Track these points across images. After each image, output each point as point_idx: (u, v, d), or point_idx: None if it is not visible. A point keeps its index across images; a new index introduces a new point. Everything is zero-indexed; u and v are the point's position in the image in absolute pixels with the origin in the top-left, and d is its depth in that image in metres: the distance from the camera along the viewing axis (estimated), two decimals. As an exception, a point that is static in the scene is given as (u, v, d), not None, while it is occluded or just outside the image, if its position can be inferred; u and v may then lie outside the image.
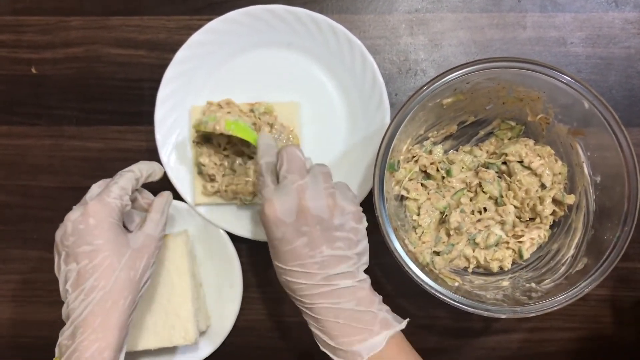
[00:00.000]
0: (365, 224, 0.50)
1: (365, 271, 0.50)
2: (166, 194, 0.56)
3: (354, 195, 0.51)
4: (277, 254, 0.49)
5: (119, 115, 0.65)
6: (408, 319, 0.49)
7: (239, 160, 0.61)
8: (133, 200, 0.54)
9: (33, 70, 0.66)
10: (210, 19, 0.61)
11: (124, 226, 0.53)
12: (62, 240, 0.49)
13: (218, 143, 0.61)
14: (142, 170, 0.54)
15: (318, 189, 0.48)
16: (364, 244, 0.49)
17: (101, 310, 0.47)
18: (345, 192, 0.50)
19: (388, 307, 0.49)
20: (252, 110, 0.60)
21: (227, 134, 0.56)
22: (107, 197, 0.50)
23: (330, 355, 0.47)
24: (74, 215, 0.50)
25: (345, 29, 0.60)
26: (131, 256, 0.50)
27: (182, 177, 0.62)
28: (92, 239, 0.48)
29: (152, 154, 0.62)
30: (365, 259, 0.50)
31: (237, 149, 0.61)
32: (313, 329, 0.49)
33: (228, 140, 0.60)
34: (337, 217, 0.47)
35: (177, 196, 0.62)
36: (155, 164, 0.57)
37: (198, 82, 0.63)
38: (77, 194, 0.64)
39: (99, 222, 0.49)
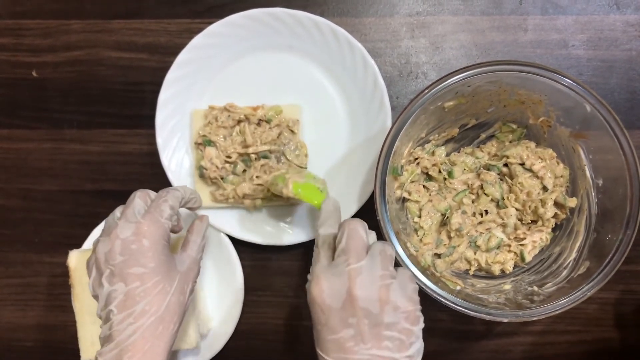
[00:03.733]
0: (422, 324, 0.45)
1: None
2: (205, 218, 0.55)
3: (414, 288, 0.45)
4: (319, 340, 0.44)
5: (119, 119, 0.65)
6: None
7: (240, 165, 0.61)
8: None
9: (34, 74, 0.66)
10: (211, 22, 0.61)
11: None
12: (107, 258, 0.46)
13: (221, 146, 0.61)
14: (186, 192, 0.53)
15: (373, 277, 0.43)
16: (417, 347, 0.44)
17: (152, 336, 0.45)
18: (404, 285, 0.45)
19: None
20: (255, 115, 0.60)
21: (294, 197, 0.54)
22: (160, 217, 0.48)
23: None
24: (124, 233, 0.47)
25: (346, 32, 0.60)
26: (180, 280, 0.48)
27: (183, 181, 0.62)
28: (146, 261, 0.46)
29: (153, 157, 0.62)
30: None
31: (240, 151, 0.61)
32: None
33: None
34: (387, 314, 0.43)
35: (178, 199, 0.62)
36: (197, 193, 0.56)
37: (199, 85, 0.62)
38: (78, 197, 0.65)
39: (152, 244, 0.47)
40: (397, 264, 0.49)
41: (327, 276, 0.44)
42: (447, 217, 0.59)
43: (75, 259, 0.58)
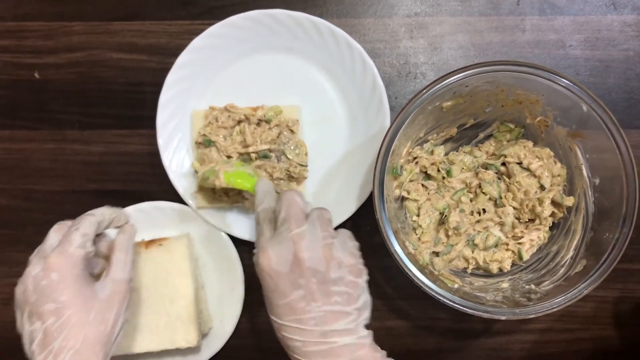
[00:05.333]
0: (366, 277, 0.47)
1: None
2: (128, 228, 0.53)
3: (355, 245, 0.48)
4: (272, 307, 0.46)
5: (121, 120, 0.65)
6: None
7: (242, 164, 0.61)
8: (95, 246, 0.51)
9: (36, 75, 0.66)
10: (211, 24, 0.61)
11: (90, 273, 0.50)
12: (25, 298, 0.46)
13: (221, 146, 0.61)
14: (105, 214, 0.52)
15: (315, 239, 0.45)
16: (364, 299, 0.46)
17: None
18: (344, 243, 0.47)
19: None
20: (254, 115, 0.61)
21: (227, 187, 0.55)
22: (69, 247, 0.48)
23: None
24: (34, 270, 0.47)
25: (345, 33, 0.60)
26: (100, 309, 0.47)
27: (183, 181, 0.62)
28: (57, 295, 0.46)
29: (154, 158, 0.62)
30: (367, 314, 0.47)
31: (241, 150, 0.61)
32: None
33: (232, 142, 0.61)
34: (333, 270, 0.45)
35: (179, 199, 0.62)
36: (120, 210, 0.55)
37: (199, 86, 0.63)
38: (79, 198, 0.65)
39: (62, 276, 0.46)
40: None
41: (273, 245, 0.46)
42: (445, 216, 0.59)
43: (77, 259, 0.59)
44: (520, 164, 0.59)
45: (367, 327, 0.47)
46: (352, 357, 0.44)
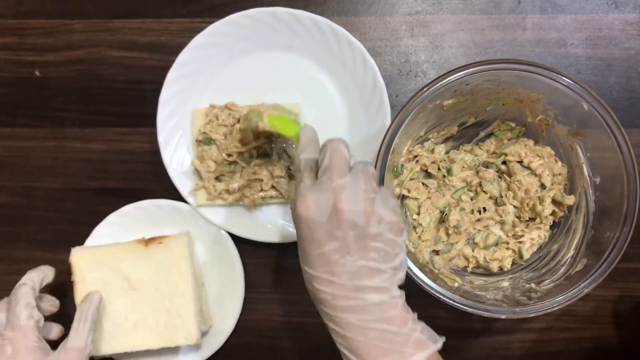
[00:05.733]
0: (405, 236, 0.46)
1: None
2: (90, 297, 0.56)
3: (396, 203, 0.46)
4: (305, 256, 0.45)
5: (121, 117, 0.65)
6: (444, 338, 0.45)
7: (241, 163, 0.61)
8: (39, 309, 0.54)
9: (36, 73, 0.66)
10: (212, 22, 0.61)
11: (47, 339, 0.53)
12: None
13: (221, 144, 0.61)
14: (34, 278, 0.54)
15: (357, 191, 0.44)
16: (401, 259, 0.45)
17: None
18: (387, 199, 0.45)
19: (424, 325, 0.45)
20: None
21: (270, 131, 0.54)
22: (17, 321, 0.50)
23: None
24: None
25: (346, 31, 0.60)
26: None
27: (184, 179, 0.62)
28: None
29: (155, 156, 0.62)
30: (402, 275, 0.45)
31: (241, 149, 0.61)
32: (341, 348, 0.44)
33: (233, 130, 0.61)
34: (373, 225, 0.43)
35: (179, 197, 0.62)
36: (43, 267, 0.57)
37: (200, 84, 0.63)
38: (80, 196, 0.65)
39: (16, 349, 0.49)
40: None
41: (313, 193, 0.44)
42: (446, 214, 0.59)
43: (78, 256, 0.59)
44: (521, 162, 0.59)
45: (401, 287, 0.45)
46: (383, 316, 0.43)
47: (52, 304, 0.56)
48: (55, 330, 0.56)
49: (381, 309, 0.43)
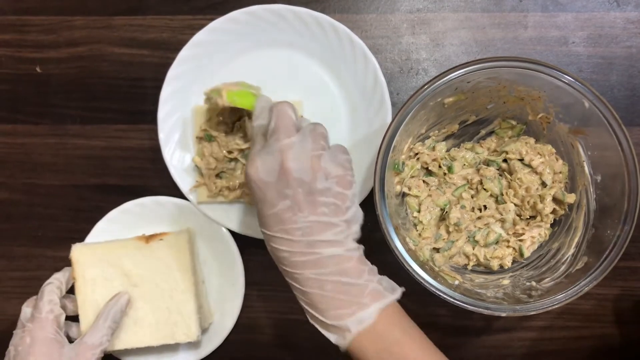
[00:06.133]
0: (355, 190, 0.47)
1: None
2: (117, 297, 0.57)
3: (347, 158, 0.47)
4: (261, 218, 0.46)
5: (122, 114, 0.66)
6: (403, 289, 0.46)
7: (242, 160, 0.61)
8: (64, 308, 0.56)
9: (37, 70, 0.66)
10: (213, 19, 0.61)
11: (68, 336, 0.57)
12: None
13: (221, 141, 0.61)
14: (60, 278, 0.57)
15: (304, 150, 0.45)
16: (353, 211, 0.46)
17: None
18: (335, 155, 0.47)
19: (383, 277, 0.46)
20: None
21: (230, 106, 0.54)
22: (38, 314, 0.53)
23: (322, 331, 0.45)
24: (14, 339, 0.53)
25: (347, 28, 0.60)
26: None
27: (184, 175, 0.62)
28: (29, 357, 0.51)
29: (155, 153, 0.62)
30: (356, 227, 0.47)
31: (242, 147, 0.61)
32: (302, 304, 0.46)
33: (233, 124, 0.61)
34: (320, 180, 0.45)
35: (179, 194, 0.62)
36: (68, 269, 0.59)
37: (201, 81, 0.63)
38: (80, 192, 0.66)
39: (34, 340, 0.52)
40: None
41: (261, 155, 0.46)
42: (446, 212, 0.59)
43: (78, 253, 0.59)
44: (521, 160, 0.59)
45: (359, 241, 0.47)
46: (338, 268, 0.44)
47: (76, 304, 0.58)
48: (74, 329, 0.58)
49: (336, 261, 0.44)
